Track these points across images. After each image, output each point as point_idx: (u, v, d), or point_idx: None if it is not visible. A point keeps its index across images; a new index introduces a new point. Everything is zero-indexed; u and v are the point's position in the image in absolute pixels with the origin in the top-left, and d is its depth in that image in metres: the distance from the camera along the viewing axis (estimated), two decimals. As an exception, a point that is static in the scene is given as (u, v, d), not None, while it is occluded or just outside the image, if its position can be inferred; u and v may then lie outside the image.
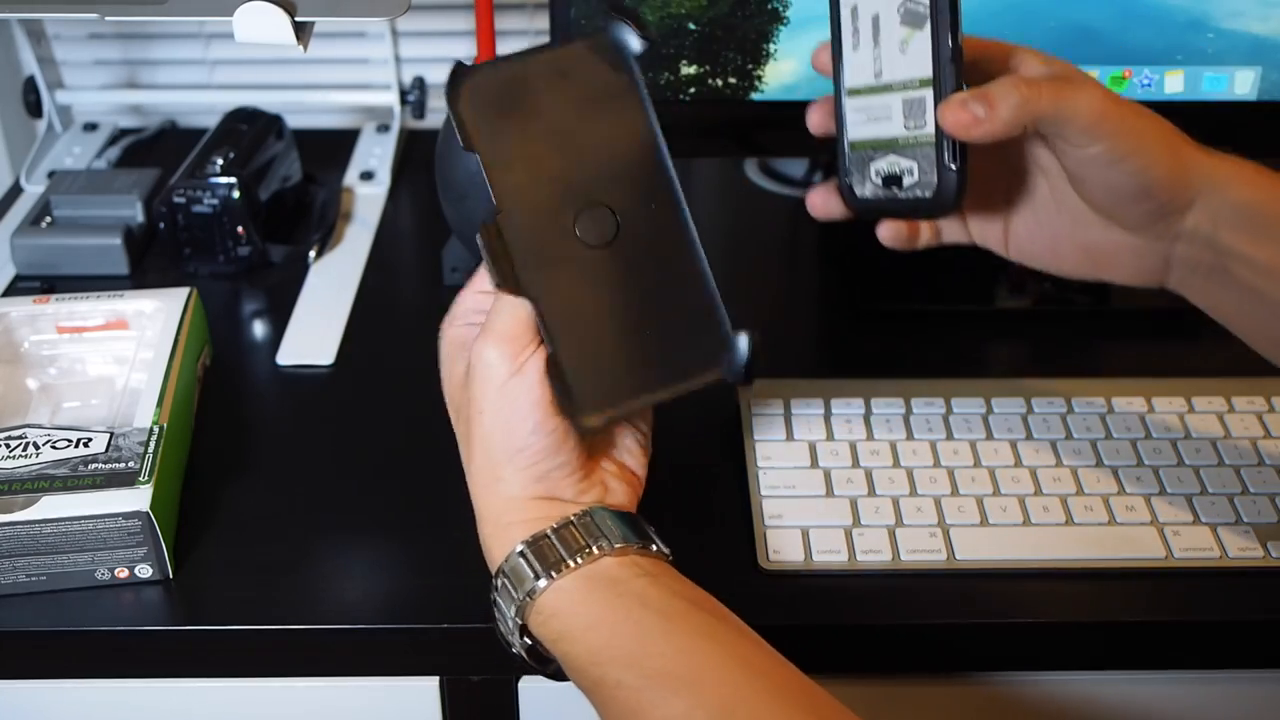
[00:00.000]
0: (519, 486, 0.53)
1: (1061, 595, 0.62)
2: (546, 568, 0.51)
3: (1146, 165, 0.53)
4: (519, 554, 0.52)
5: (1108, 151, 0.53)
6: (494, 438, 0.53)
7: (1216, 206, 0.54)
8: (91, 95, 1.07)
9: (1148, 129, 0.54)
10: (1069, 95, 0.53)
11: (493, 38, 0.77)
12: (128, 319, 0.73)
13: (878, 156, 0.58)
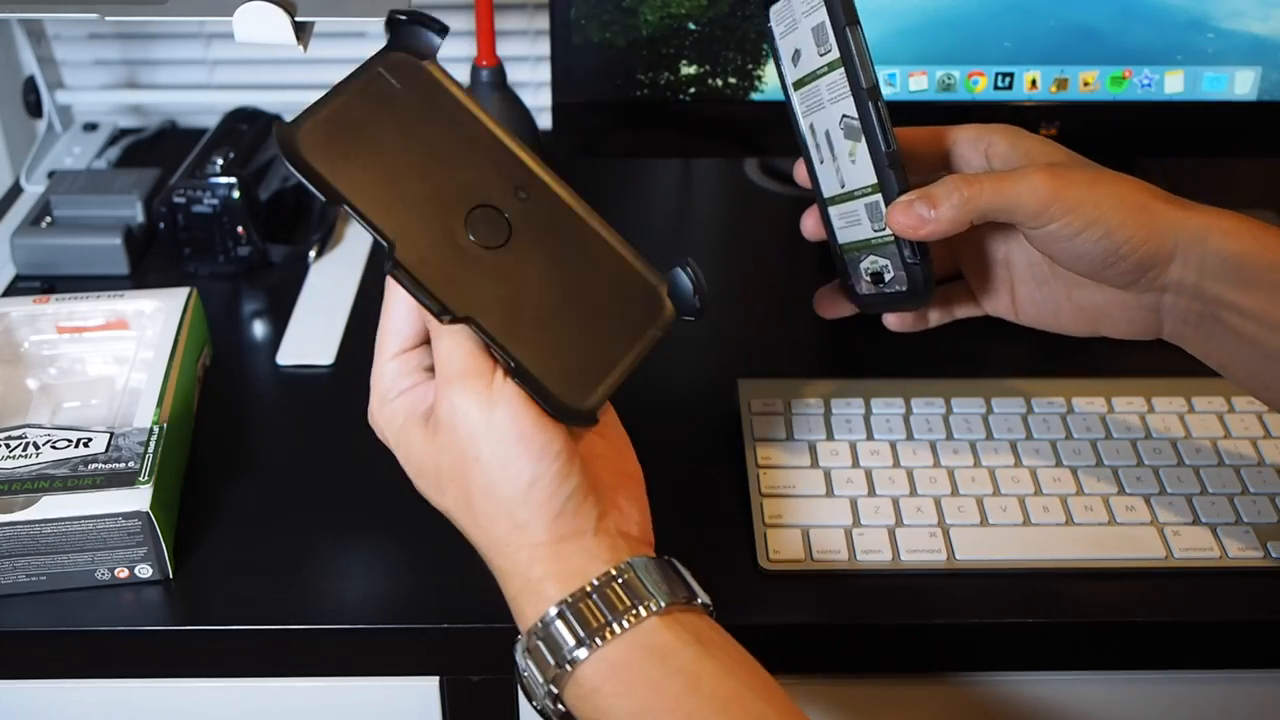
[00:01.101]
0: (542, 529, 0.48)
1: (1061, 595, 0.62)
2: (589, 634, 0.46)
3: (1107, 232, 0.54)
4: (557, 615, 0.47)
5: (1063, 228, 0.54)
6: (500, 483, 0.48)
7: (1198, 259, 0.54)
8: (91, 95, 1.07)
9: (1102, 198, 0.54)
10: (1010, 186, 0.54)
11: (493, 38, 0.77)
12: (128, 319, 0.73)
13: (863, 257, 0.61)
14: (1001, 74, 0.78)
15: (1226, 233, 0.54)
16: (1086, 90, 0.79)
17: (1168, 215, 0.54)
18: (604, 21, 0.76)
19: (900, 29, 0.76)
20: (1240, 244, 0.54)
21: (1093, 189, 0.54)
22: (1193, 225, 0.54)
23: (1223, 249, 0.54)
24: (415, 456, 0.51)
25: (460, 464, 0.49)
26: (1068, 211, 0.54)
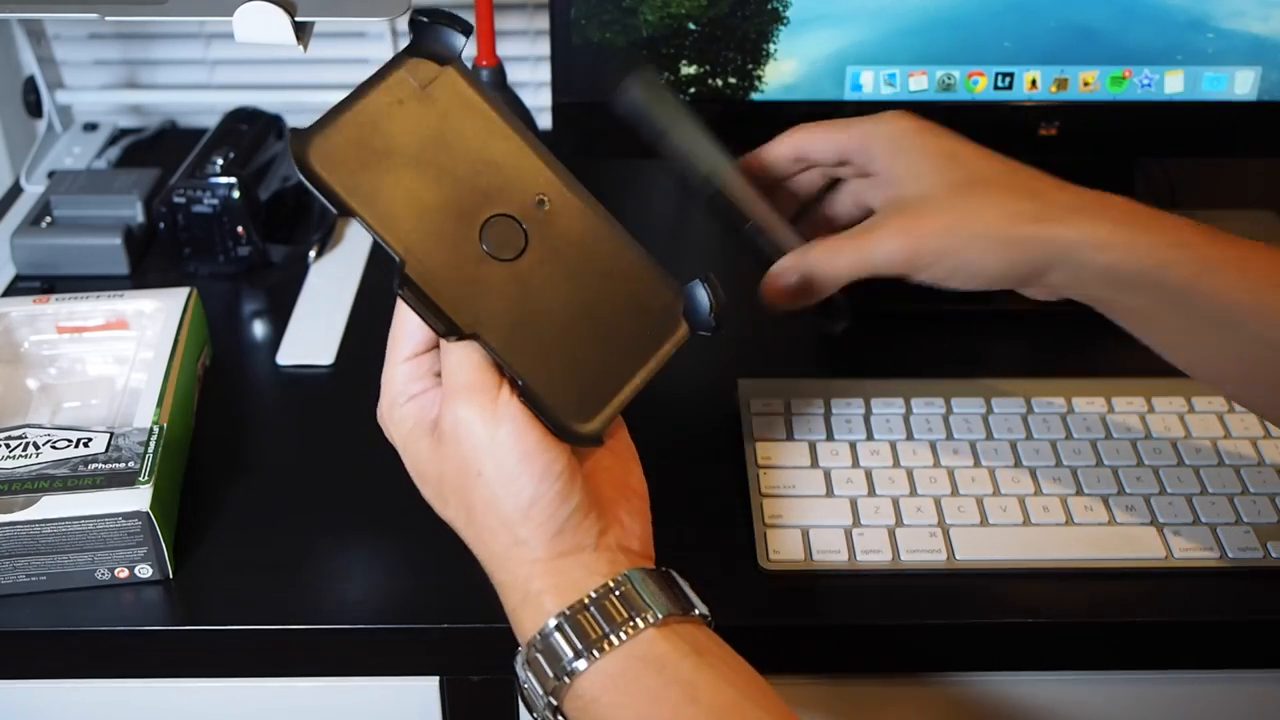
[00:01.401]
0: (541, 546, 0.48)
1: (1061, 595, 0.62)
2: (588, 645, 0.46)
3: (976, 272, 0.57)
4: (555, 628, 0.47)
5: (929, 278, 0.58)
6: (502, 499, 0.48)
7: (1073, 271, 0.56)
8: (91, 95, 1.07)
9: (963, 244, 0.56)
10: (867, 255, 0.58)
11: (493, 38, 0.77)
12: (128, 319, 0.73)
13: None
14: (1001, 74, 0.78)
15: (1097, 247, 0.55)
16: (1086, 90, 0.79)
17: (1035, 239, 0.56)
18: (604, 21, 0.76)
19: (900, 29, 0.76)
20: (1111, 256, 0.55)
21: (952, 235, 0.56)
22: (1063, 243, 0.55)
23: (1094, 263, 0.55)
24: (421, 464, 0.51)
25: (463, 477, 0.49)
26: (928, 266, 0.57)
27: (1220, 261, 0.54)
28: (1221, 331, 0.55)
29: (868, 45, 0.77)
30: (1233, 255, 0.55)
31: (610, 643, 0.46)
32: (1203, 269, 0.54)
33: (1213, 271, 0.54)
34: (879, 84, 0.78)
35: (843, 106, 0.79)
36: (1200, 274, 0.54)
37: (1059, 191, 0.57)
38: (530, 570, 0.49)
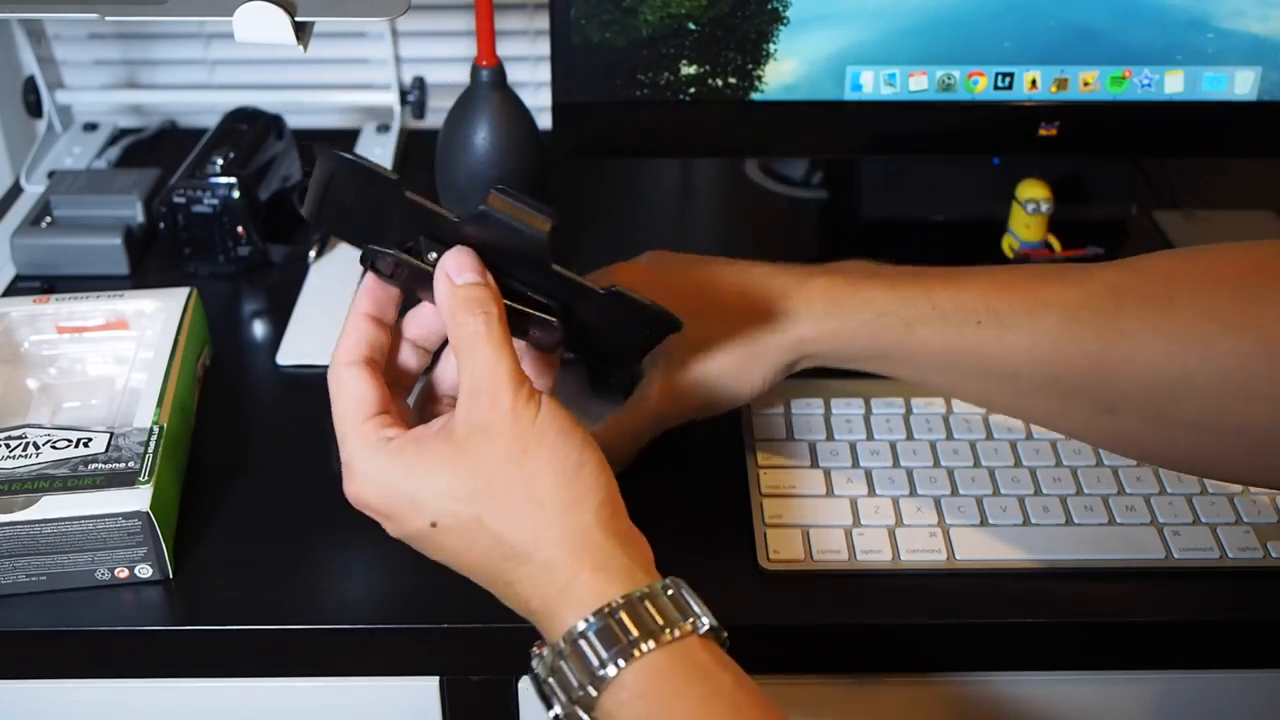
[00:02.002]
0: (598, 530, 0.48)
1: (1061, 595, 0.62)
2: (645, 634, 0.45)
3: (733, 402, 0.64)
4: (611, 613, 0.46)
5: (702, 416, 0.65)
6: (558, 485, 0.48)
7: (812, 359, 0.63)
8: (91, 95, 1.07)
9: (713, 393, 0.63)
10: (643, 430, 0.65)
11: (493, 38, 0.77)
12: (128, 319, 0.73)
13: None
14: (1001, 74, 0.78)
15: (813, 342, 0.62)
16: (1086, 90, 0.79)
17: (769, 358, 0.63)
18: (604, 21, 0.76)
19: (900, 29, 0.76)
20: (831, 347, 0.62)
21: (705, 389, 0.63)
22: (790, 349, 0.62)
23: (822, 355, 0.63)
24: (439, 483, 0.49)
25: (514, 463, 0.48)
26: (698, 410, 0.64)
27: (919, 318, 0.59)
28: (944, 374, 0.61)
29: (868, 45, 0.77)
30: (928, 307, 0.59)
31: (660, 638, 0.45)
32: (905, 331, 0.60)
33: (914, 329, 0.60)
34: (879, 84, 0.78)
35: (843, 106, 0.79)
36: (905, 335, 0.60)
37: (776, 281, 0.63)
38: (582, 556, 0.47)
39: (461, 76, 0.80)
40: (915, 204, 0.90)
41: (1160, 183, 0.97)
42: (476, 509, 0.48)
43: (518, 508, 0.48)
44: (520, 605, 0.49)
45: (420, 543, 0.51)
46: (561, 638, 0.46)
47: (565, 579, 0.47)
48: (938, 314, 0.59)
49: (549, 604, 0.48)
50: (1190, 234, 0.90)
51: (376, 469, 0.50)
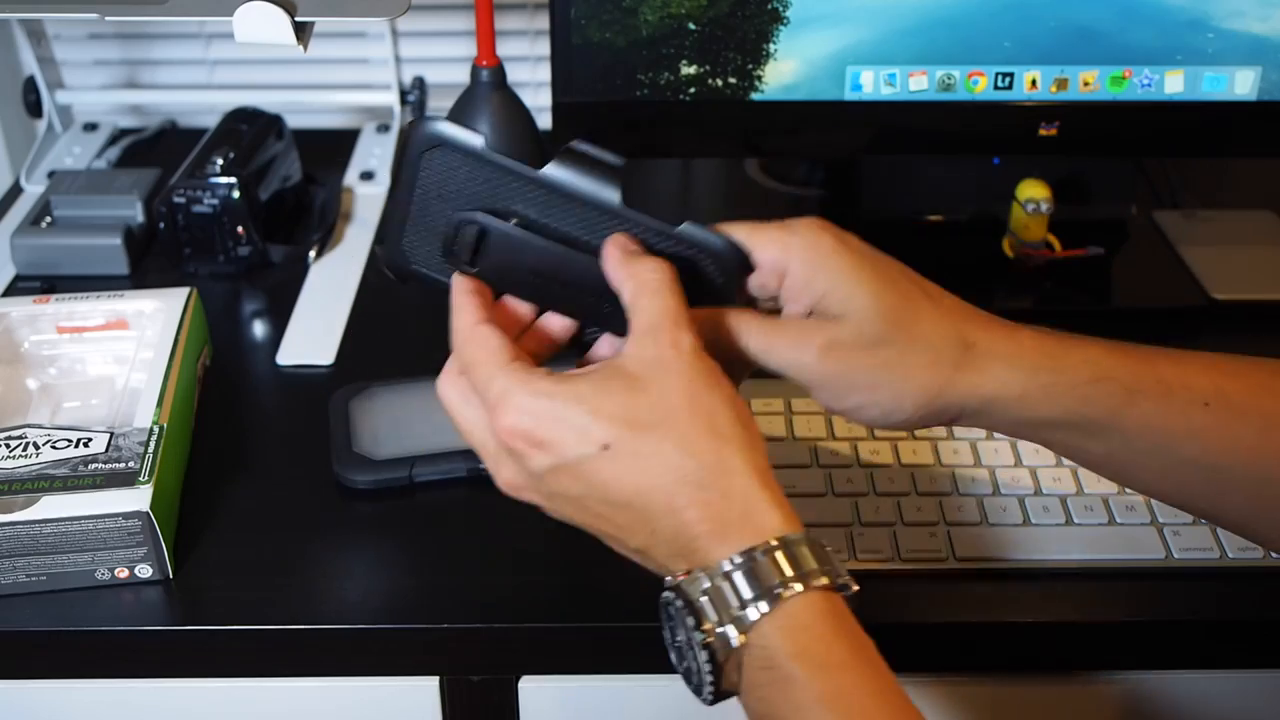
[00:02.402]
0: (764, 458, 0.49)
1: (1061, 595, 0.62)
2: (823, 569, 0.46)
3: (883, 414, 0.53)
4: (797, 541, 0.46)
5: (830, 402, 0.54)
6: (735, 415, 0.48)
7: (986, 420, 0.54)
8: (91, 95, 1.07)
9: (878, 382, 0.52)
10: (779, 351, 0.53)
11: (493, 38, 0.77)
12: (128, 319, 0.73)
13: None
14: (1001, 74, 0.78)
15: (1015, 399, 0.53)
16: (1086, 90, 0.79)
17: (956, 390, 0.53)
18: (604, 21, 0.76)
19: (900, 29, 0.76)
20: (1028, 405, 0.53)
21: (872, 373, 0.52)
22: (980, 395, 0.53)
23: (1009, 413, 0.53)
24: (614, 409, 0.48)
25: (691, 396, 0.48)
26: (838, 393, 0.53)
27: (1143, 389, 0.53)
28: (1150, 456, 0.54)
29: (868, 45, 0.77)
30: (1153, 379, 0.53)
31: (838, 579, 0.46)
32: (1128, 397, 0.53)
33: (1136, 401, 0.53)
34: (879, 84, 0.78)
35: (843, 106, 0.79)
36: (1124, 405, 0.53)
37: (971, 324, 0.54)
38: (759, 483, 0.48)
39: (461, 76, 0.80)
40: (915, 204, 0.90)
41: (1160, 183, 0.97)
42: (658, 434, 0.48)
43: (700, 435, 0.48)
44: (676, 533, 0.48)
45: (576, 469, 0.48)
46: (737, 553, 0.46)
47: (746, 507, 0.47)
48: (1162, 389, 0.53)
49: (724, 527, 0.47)
50: (1190, 234, 0.90)
51: (537, 395, 0.49)
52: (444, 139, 0.53)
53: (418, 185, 0.54)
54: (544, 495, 0.51)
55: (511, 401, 0.49)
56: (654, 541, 0.49)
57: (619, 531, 0.49)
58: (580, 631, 0.61)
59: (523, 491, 0.51)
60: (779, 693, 0.45)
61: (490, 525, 0.66)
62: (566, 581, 0.63)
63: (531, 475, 0.50)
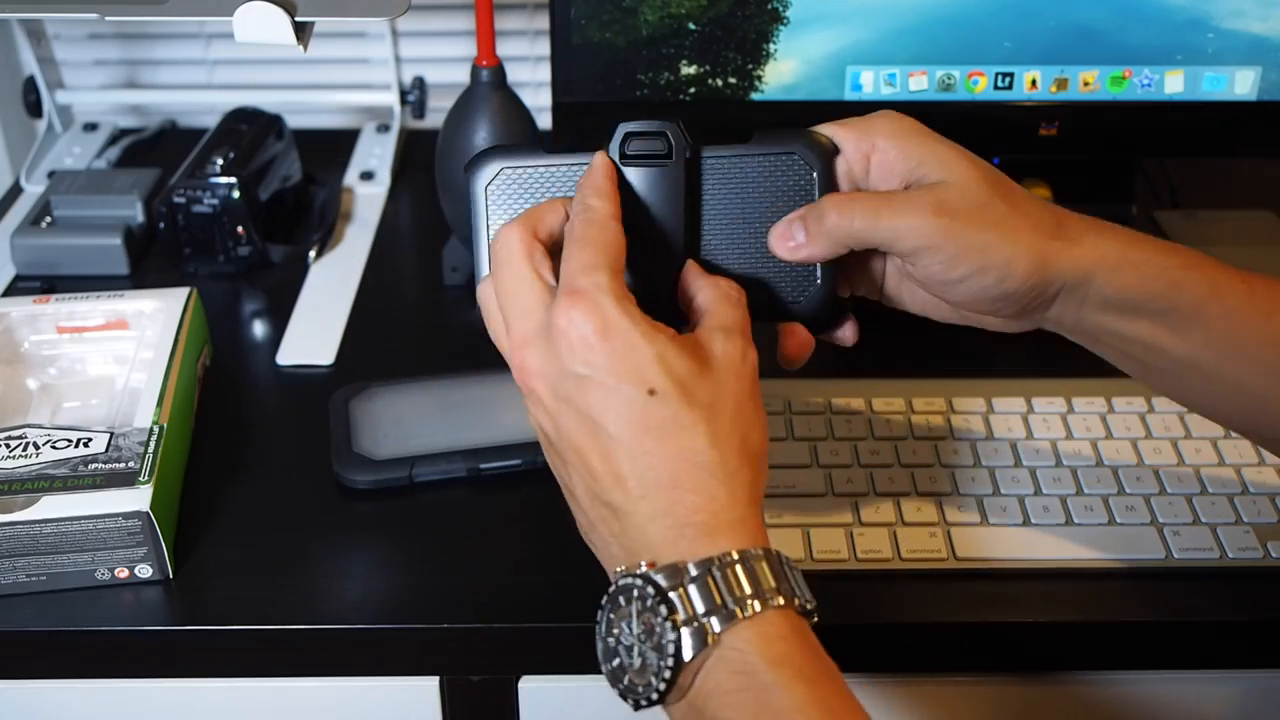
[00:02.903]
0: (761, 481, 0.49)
1: (1061, 595, 0.62)
2: (799, 590, 0.46)
3: (996, 281, 0.52)
4: (786, 560, 0.47)
5: (946, 271, 0.52)
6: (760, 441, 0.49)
7: (1080, 297, 0.53)
8: (91, 95, 1.07)
9: (990, 244, 0.51)
10: (889, 218, 0.51)
11: (493, 38, 0.77)
12: (128, 319, 0.73)
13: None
14: (1001, 74, 0.78)
15: (1111, 270, 0.52)
16: (1086, 90, 0.79)
17: (1059, 260, 0.52)
18: (604, 21, 0.76)
19: (900, 29, 0.76)
20: (1123, 280, 0.52)
21: (984, 233, 0.51)
22: (1080, 268, 0.52)
23: (1106, 287, 0.52)
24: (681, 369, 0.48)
25: (742, 408, 0.49)
26: (952, 257, 0.51)
27: (1229, 285, 0.52)
28: (1224, 360, 0.53)
29: (868, 45, 0.77)
30: (1239, 279, 0.53)
31: (808, 602, 0.46)
32: (1213, 291, 0.52)
33: (1222, 295, 0.52)
34: (879, 84, 0.78)
35: (843, 107, 0.79)
36: (1212, 296, 0.52)
37: (1062, 210, 0.53)
38: (755, 505, 0.48)
39: (461, 76, 0.80)
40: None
41: (1160, 183, 0.97)
42: (700, 414, 0.47)
43: (733, 439, 0.48)
44: (667, 510, 0.47)
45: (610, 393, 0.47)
46: (736, 551, 0.45)
47: (744, 515, 0.47)
48: (1246, 288, 0.52)
49: (719, 525, 0.46)
50: (1190, 234, 0.90)
51: (624, 311, 0.47)
52: (501, 164, 0.53)
53: (489, 220, 0.54)
54: (556, 396, 0.48)
55: (594, 298, 0.47)
56: (636, 507, 0.47)
57: (604, 478, 0.47)
58: (580, 631, 0.61)
59: (534, 378, 0.49)
60: (754, 699, 0.43)
61: (490, 525, 0.66)
62: (566, 581, 0.63)
63: (561, 372, 0.47)
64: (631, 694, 0.45)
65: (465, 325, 0.83)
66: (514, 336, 0.49)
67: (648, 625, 0.45)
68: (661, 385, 0.47)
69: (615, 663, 0.46)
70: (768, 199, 0.54)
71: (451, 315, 0.84)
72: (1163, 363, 0.54)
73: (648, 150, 0.53)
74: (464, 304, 0.85)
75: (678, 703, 0.45)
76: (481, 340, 0.74)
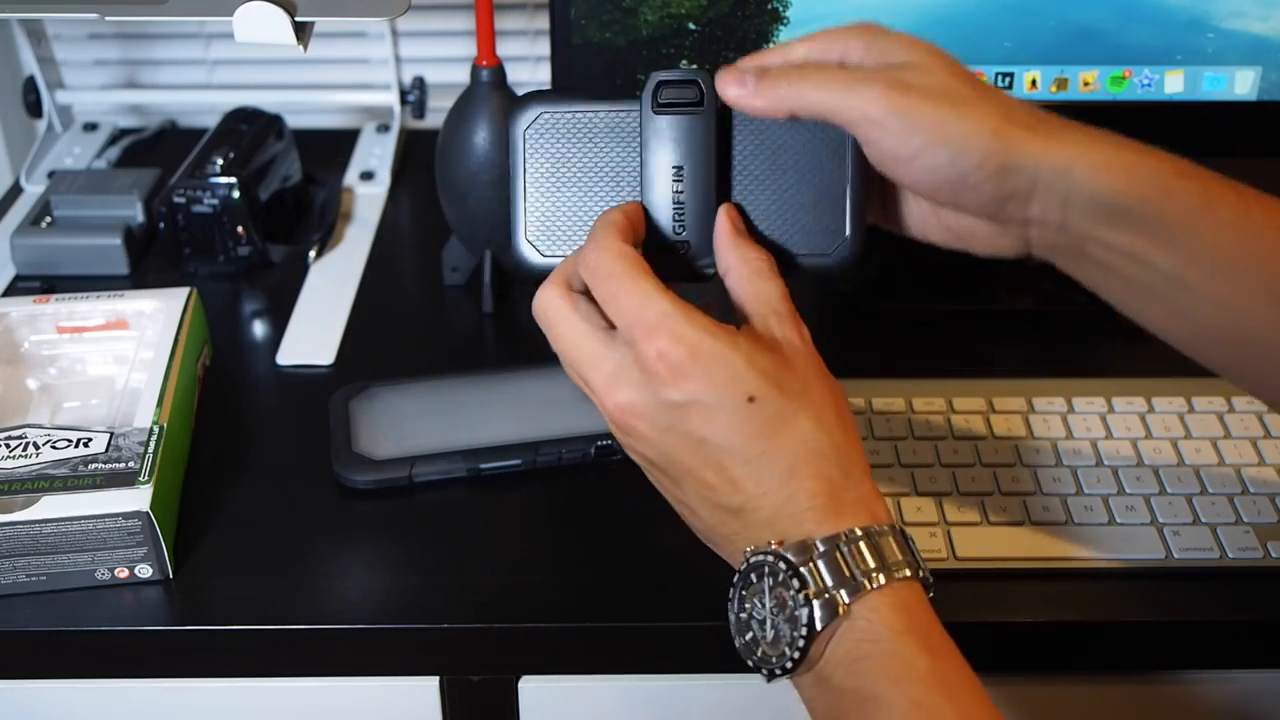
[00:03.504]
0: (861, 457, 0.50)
1: (1061, 595, 0.62)
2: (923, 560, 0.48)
3: (951, 158, 0.49)
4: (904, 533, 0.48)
5: (901, 146, 0.50)
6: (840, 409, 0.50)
7: (1062, 195, 0.50)
8: (91, 95, 1.07)
9: (948, 119, 0.49)
10: (843, 86, 0.50)
11: (493, 38, 0.77)
12: (128, 319, 0.73)
13: None
14: (1001, 74, 0.78)
15: (1094, 166, 0.49)
16: (1086, 90, 0.79)
17: (1026, 147, 0.49)
18: (604, 21, 0.76)
19: (900, 29, 0.76)
20: (1109, 179, 0.49)
21: (939, 108, 0.49)
22: (1055, 160, 0.49)
23: (1089, 185, 0.49)
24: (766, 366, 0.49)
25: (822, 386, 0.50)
26: (905, 128, 0.49)
27: (1223, 197, 0.50)
28: (1211, 277, 0.50)
29: (868, 45, 0.77)
30: (1234, 193, 0.50)
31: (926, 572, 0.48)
32: (1206, 203, 0.50)
33: (1215, 207, 0.50)
34: (879, 84, 0.78)
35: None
36: (1204, 207, 0.49)
37: (1047, 113, 0.51)
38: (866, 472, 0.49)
39: (461, 76, 0.80)
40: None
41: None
42: (799, 403, 0.48)
43: (831, 416, 0.49)
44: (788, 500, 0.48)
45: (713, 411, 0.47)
46: (860, 527, 0.47)
47: (861, 491, 0.49)
48: (1242, 205, 0.50)
49: (839, 505, 0.48)
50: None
51: (699, 330, 0.48)
52: (541, 109, 0.54)
53: (528, 168, 0.54)
54: (657, 427, 0.48)
55: (670, 326, 0.48)
56: (758, 504, 0.48)
57: (722, 487, 0.48)
58: (580, 631, 0.61)
59: (631, 416, 0.49)
60: (878, 666, 0.45)
61: (490, 525, 0.66)
62: (566, 581, 0.63)
63: (659, 404, 0.48)
64: (765, 665, 0.47)
65: (465, 325, 0.83)
66: (596, 386, 0.50)
67: (780, 599, 0.47)
68: (758, 389, 0.48)
69: (748, 636, 0.48)
70: (798, 151, 0.55)
71: (451, 315, 0.84)
72: (1148, 276, 0.51)
73: (681, 98, 0.54)
74: (464, 304, 0.85)
75: (806, 674, 0.47)
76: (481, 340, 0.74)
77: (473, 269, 0.85)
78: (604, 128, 0.55)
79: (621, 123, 0.54)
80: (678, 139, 0.54)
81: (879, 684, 0.45)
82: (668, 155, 0.54)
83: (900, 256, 0.67)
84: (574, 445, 0.68)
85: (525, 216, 0.55)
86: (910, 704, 0.44)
